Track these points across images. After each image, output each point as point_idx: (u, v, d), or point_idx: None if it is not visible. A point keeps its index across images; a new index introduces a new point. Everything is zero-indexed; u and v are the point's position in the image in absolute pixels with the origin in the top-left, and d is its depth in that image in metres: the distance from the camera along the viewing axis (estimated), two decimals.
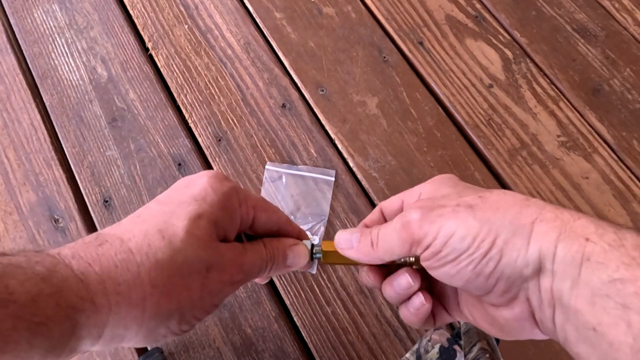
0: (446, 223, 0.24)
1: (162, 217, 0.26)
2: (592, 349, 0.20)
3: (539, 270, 0.22)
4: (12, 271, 0.21)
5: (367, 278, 0.30)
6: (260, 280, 0.38)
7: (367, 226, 0.31)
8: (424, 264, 0.26)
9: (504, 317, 0.24)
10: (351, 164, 0.56)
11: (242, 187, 0.55)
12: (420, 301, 0.28)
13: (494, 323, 0.26)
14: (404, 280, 0.28)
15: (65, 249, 0.24)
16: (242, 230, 0.31)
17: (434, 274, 0.25)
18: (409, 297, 0.28)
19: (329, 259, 0.31)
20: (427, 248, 0.24)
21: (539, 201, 0.23)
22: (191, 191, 0.28)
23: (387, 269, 0.31)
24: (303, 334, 0.48)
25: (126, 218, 0.28)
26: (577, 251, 0.21)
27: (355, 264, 0.30)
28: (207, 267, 0.26)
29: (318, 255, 0.32)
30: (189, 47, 0.62)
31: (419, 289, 0.28)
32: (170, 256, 0.25)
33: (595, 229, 0.21)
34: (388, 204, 0.31)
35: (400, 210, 0.30)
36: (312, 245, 0.33)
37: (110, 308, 0.23)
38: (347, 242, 0.29)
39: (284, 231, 0.33)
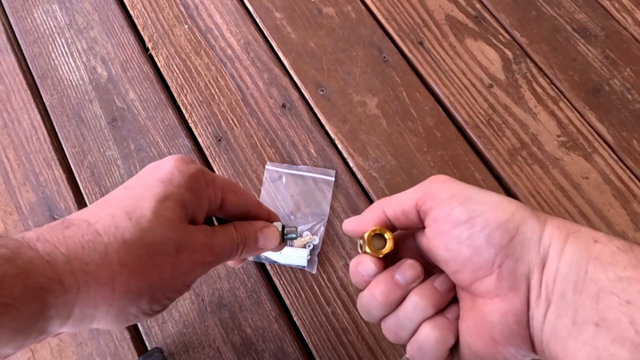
0: (469, 189, 0.25)
1: (129, 200, 0.27)
2: (582, 345, 0.20)
3: (544, 262, 0.22)
4: None
5: (366, 265, 0.27)
6: (233, 264, 0.37)
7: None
8: (433, 225, 0.25)
9: (499, 310, 0.23)
10: (351, 164, 0.56)
11: (240, 182, 0.55)
12: (428, 331, 0.25)
13: (485, 332, 0.24)
14: (410, 271, 0.26)
15: (30, 232, 0.24)
16: (211, 213, 0.31)
17: (443, 239, 0.24)
18: (417, 328, 0.26)
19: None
20: (449, 198, 0.24)
21: None
22: (157, 174, 0.28)
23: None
24: (303, 334, 0.48)
25: (93, 203, 0.28)
26: (586, 249, 0.21)
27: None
28: (176, 248, 0.26)
29: (290, 235, 0.33)
30: (189, 47, 0.62)
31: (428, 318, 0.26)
32: (138, 236, 0.25)
33: (604, 235, 0.22)
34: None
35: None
36: (283, 227, 0.33)
37: (78, 287, 0.23)
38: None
39: (253, 213, 0.33)
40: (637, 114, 0.60)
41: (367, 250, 0.26)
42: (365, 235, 0.27)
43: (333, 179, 0.54)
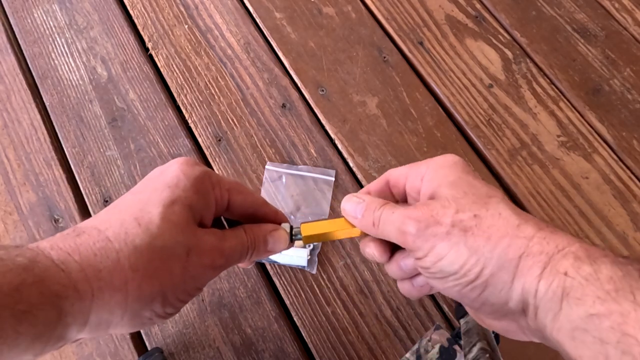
0: (438, 244, 0.25)
1: (137, 205, 0.27)
2: None
3: (523, 306, 0.23)
4: None
5: (373, 253, 0.31)
6: (244, 265, 0.38)
7: (369, 194, 0.32)
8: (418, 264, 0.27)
9: (492, 325, 0.26)
10: (351, 164, 0.56)
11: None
12: (424, 279, 0.29)
13: (484, 323, 0.28)
14: (411, 262, 0.29)
15: (43, 242, 0.25)
16: (218, 214, 0.31)
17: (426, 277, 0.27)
18: (415, 275, 0.30)
19: (310, 240, 0.32)
20: (419, 259, 0.26)
21: (529, 228, 0.23)
22: (164, 179, 0.28)
23: (392, 244, 0.31)
24: (303, 334, 0.48)
25: (102, 210, 0.28)
26: (558, 286, 0.21)
27: (334, 238, 0.32)
28: (187, 251, 0.27)
29: (298, 236, 0.33)
30: (189, 47, 0.62)
31: None
32: (148, 242, 0.25)
33: (573, 262, 0.21)
34: (394, 177, 0.31)
35: (404, 189, 0.31)
36: (291, 228, 0.34)
37: (93, 294, 0.24)
38: (353, 211, 0.30)
39: (260, 213, 0.33)
40: (637, 114, 0.60)
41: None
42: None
43: (333, 179, 0.54)
